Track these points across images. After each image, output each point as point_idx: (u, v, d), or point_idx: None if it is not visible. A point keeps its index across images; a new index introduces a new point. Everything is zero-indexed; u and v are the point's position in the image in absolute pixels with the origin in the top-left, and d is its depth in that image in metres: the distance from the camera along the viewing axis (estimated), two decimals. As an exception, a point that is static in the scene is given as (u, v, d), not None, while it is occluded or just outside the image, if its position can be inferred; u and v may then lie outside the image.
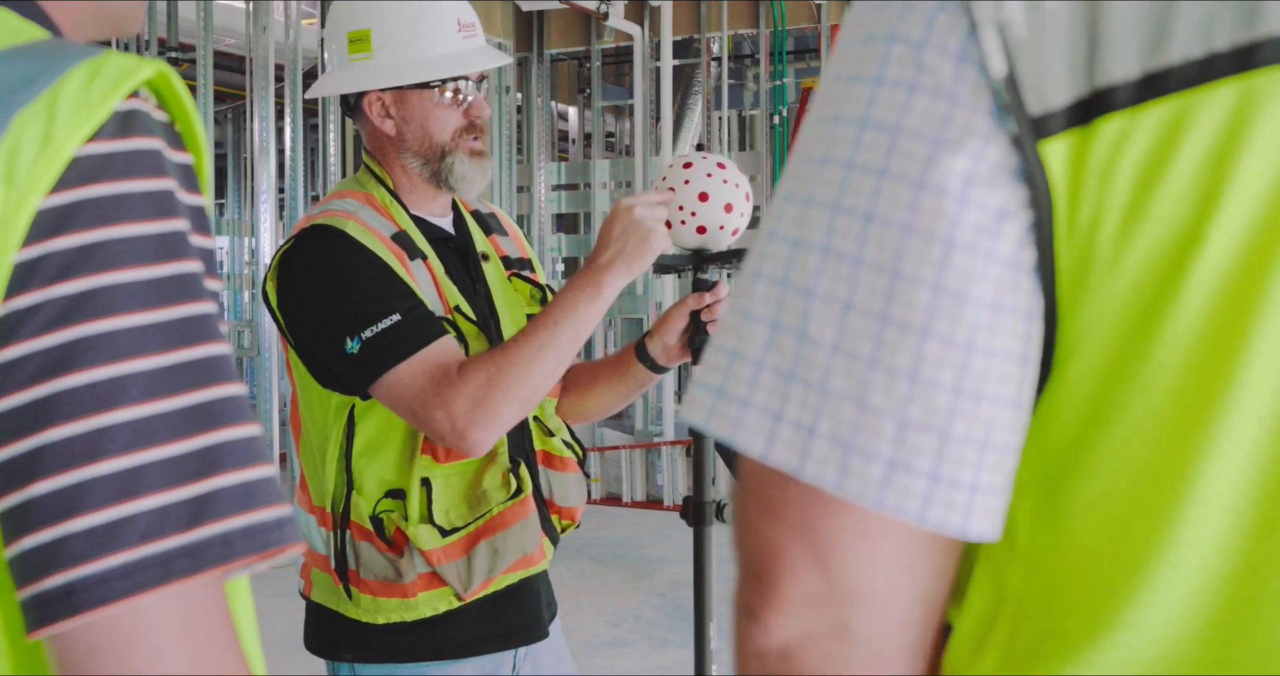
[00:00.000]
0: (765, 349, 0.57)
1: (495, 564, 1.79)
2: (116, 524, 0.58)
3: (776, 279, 0.57)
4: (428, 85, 1.84)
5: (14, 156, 0.60)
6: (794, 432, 0.56)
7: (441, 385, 1.68)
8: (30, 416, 0.59)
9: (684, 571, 6.27)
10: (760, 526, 0.58)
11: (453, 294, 1.83)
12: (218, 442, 0.61)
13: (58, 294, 0.59)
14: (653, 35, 8.69)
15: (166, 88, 0.66)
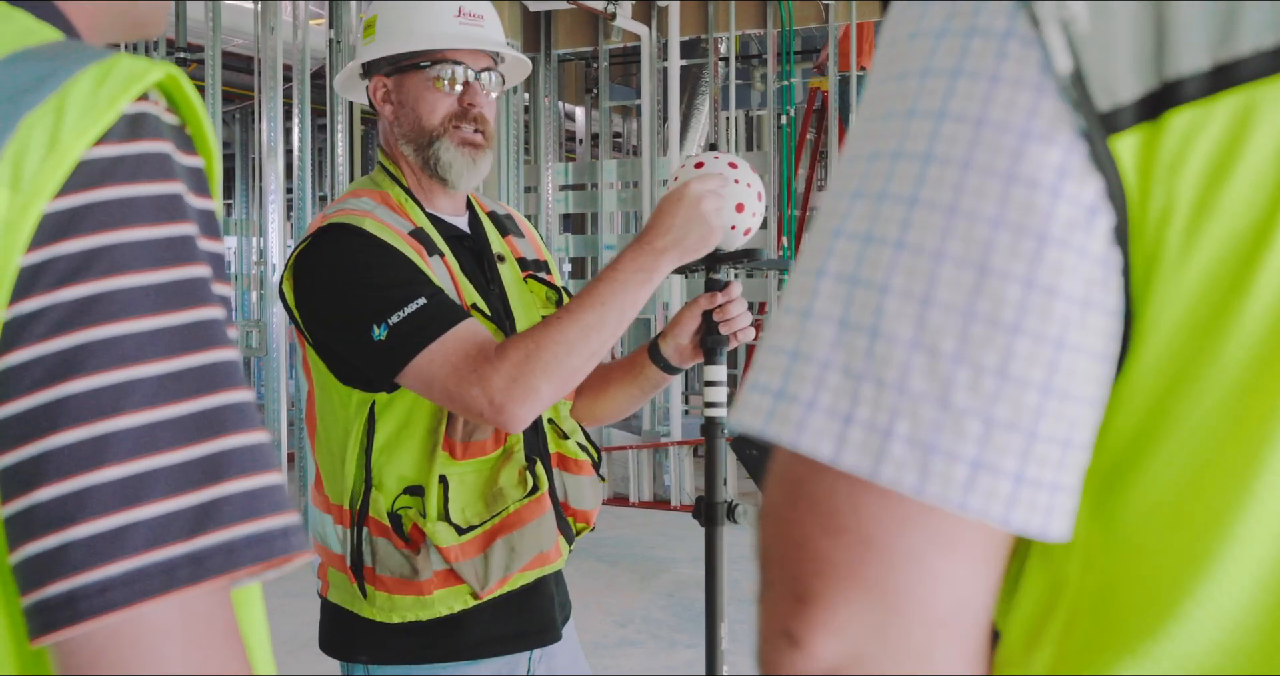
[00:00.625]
0: (832, 348, 0.54)
1: (512, 561, 1.78)
2: (119, 531, 0.58)
3: (845, 276, 0.55)
4: (419, 66, 1.85)
5: (20, 159, 0.59)
6: (867, 434, 0.53)
7: (477, 361, 1.66)
8: (35, 421, 0.58)
9: (691, 571, 6.26)
10: (812, 540, 0.55)
11: (469, 291, 1.82)
12: (223, 449, 0.61)
13: (63, 298, 0.59)
14: (660, 35, 8.68)
15: (177, 90, 0.66)
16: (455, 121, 1.86)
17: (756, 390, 0.56)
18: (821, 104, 9.19)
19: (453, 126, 1.85)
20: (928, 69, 0.56)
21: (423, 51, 1.86)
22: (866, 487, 0.54)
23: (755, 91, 11.13)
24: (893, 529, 0.54)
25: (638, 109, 11.10)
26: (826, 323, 0.55)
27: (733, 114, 9.20)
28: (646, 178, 8.67)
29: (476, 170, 1.88)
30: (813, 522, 0.55)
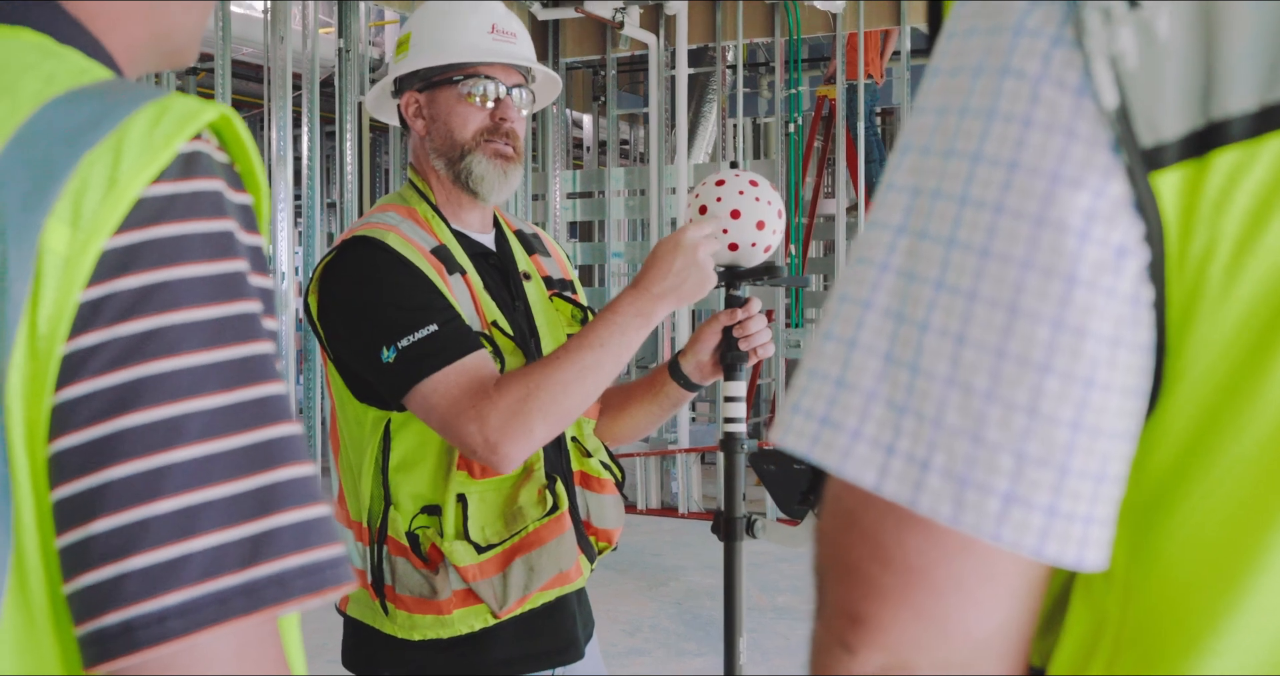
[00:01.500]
0: (878, 380, 0.57)
1: (531, 581, 1.78)
2: (175, 562, 0.59)
3: (890, 311, 0.57)
4: (453, 81, 1.86)
5: (80, 197, 0.61)
6: (907, 465, 0.55)
7: (477, 397, 1.67)
8: (93, 454, 0.59)
9: (700, 579, 6.27)
10: (863, 565, 0.58)
11: (491, 309, 1.83)
12: (275, 482, 0.62)
13: (121, 333, 0.60)
14: (668, 43, 8.70)
15: (228, 130, 0.67)
16: (487, 136, 1.86)
17: (800, 413, 0.59)
18: (829, 112, 9.19)
19: (484, 140, 1.86)
20: (965, 108, 0.57)
21: (455, 66, 1.87)
22: (910, 519, 0.56)
23: (762, 99, 11.15)
24: (936, 558, 0.56)
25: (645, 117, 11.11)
26: (872, 355, 0.57)
27: (740, 122, 9.21)
28: (654, 185, 8.68)
29: (507, 183, 1.88)
30: (863, 549, 0.58)
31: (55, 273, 0.60)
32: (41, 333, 0.60)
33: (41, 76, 0.66)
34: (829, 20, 8.47)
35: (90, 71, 0.68)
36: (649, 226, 8.87)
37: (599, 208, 9.24)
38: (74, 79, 0.66)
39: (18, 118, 0.64)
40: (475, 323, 1.79)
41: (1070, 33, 0.55)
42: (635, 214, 9.19)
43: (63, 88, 0.65)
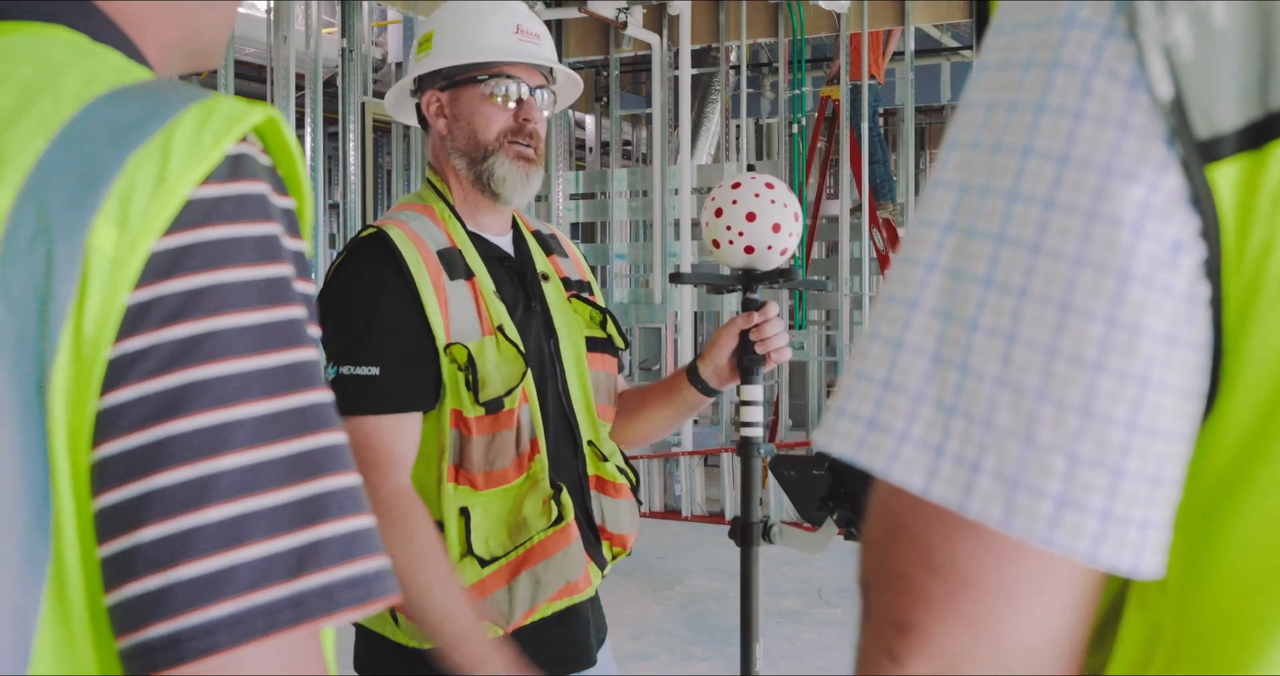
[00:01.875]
0: (925, 381, 0.55)
1: (538, 594, 1.76)
2: (223, 572, 0.58)
3: (938, 310, 0.56)
4: (477, 81, 1.85)
5: (128, 198, 0.60)
6: (956, 467, 0.54)
7: (376, 470, 1.66)
8: (139, 461, 0.58)
9: (705, 583, 6.25)
10: (910, 573, 0.56)
11: (498, 313, 1.80)
12: (322, 491, 0.61)
13: (168, 337, 0.59)
14: (671, 43, 8.69)
15: (273, 132, 0.66)
16: (511, 137, 1.85)
17: (846, 417, 0.57)
18: (833, 112, 9.18)
19: (508, 141, 1.85)
20: (1014, 103, 0.56)
21: (479, 65, 1.85)
22: (959, 525, 0.55)
23: (765, 100, 11.14)
24: (986, 565, 0.55)
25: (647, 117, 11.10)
26: (919, 355, 0.56)
27: (744, 122, 9.20)
28: (657, 186, 8.67)
29: (529, 185, 1.87)
30: (911, 556, 0.57)
31: (102, 274, 0.59)
32: (87, 335, 0.59)
33: (82, 75, 0.65)
34: (832, 20, 8.46)
35: (130, 71, 0.67)
36: (652, 227, 8.86)
37: (602, 209, 9.23)
38: (115, 78, 0.66)
39: (61, 116, 0.62)
40: (477, 327, 1.77)
41: (1122, 23, 0.53)
42: (638, 215, 9.18)
43: (105, 87, 0.64)
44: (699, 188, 8.78)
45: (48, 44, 0.68)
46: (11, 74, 0.65)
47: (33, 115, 0.62)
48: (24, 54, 0.67)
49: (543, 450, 1.80)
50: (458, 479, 1.74)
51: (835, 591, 6.06)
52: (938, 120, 13.55)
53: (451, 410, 1.74)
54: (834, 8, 6.46)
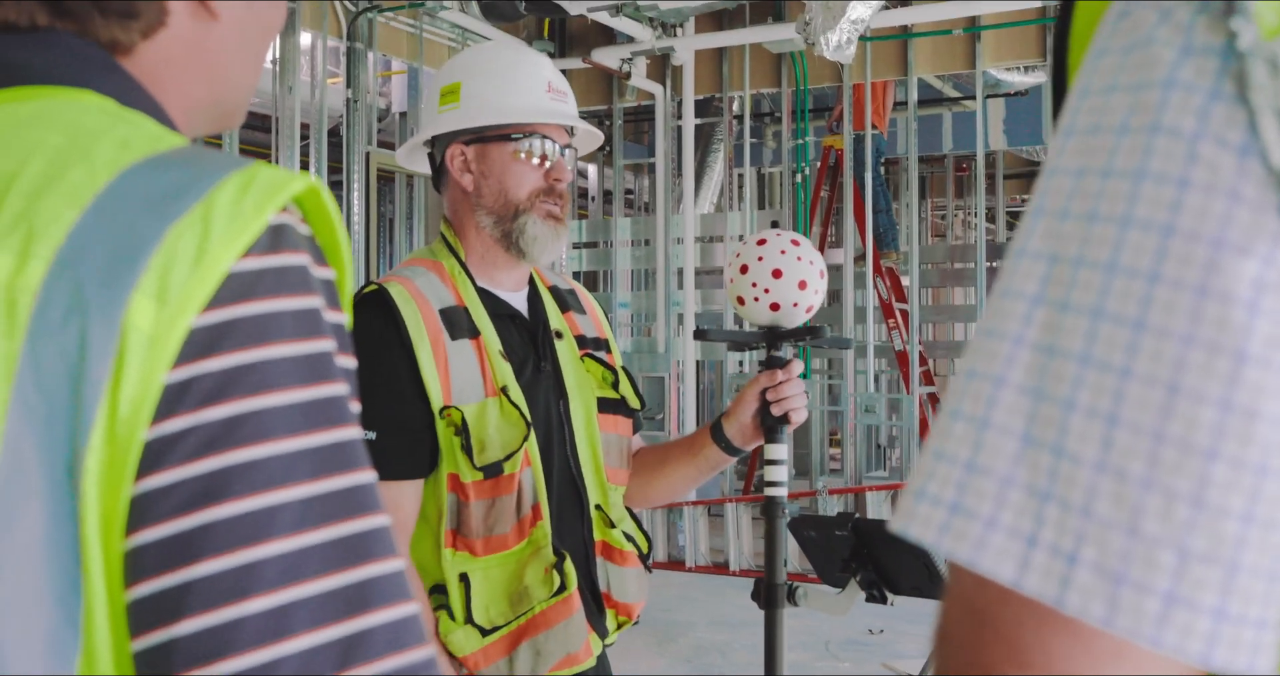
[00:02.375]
0: (1014, 464, 0.51)
1: (538, 665, 1.72)
2: (266, 666, 0.54)
3: (1027, 388, 0.52)
4: (509, 139, 1.82)
5: (167, 272, 0.57)
6: (1051, 558, 0.49)
7: None
8: (178, 548, 0.55)
9: (709, 635, 6.17)
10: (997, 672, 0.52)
11: (503, 374, 1.76)
12: (368, 578, 0.58)
13: (208, 418, 0.56)
14: (674, 93, 8.72)
15: (313, 201, 0.64)
16: (541, 196, 1.83)
17: (926, 500, 0.53)
18: (835, 161, 9.20)
19: (539, 201, 1.83)
20: (1109, 169, 0.52)
21: (513, 124, 1.83)
22: (1054, 619, 0.50)
23: (767, 149, 11.17)
24: (1084, 664, 0.50)
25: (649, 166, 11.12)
26: (1007, 436, 0.51)
27: (747, 171, 9.22)
28: (660, 235, 8.67)
29: (558, 244, 1.86)
30: (998, 654, 0.52)
31: (140, 352, 0.56)
32: (123, 416, 0.56)
33: (116, 142, 0.63)
34: (835, 71, 8.49)
35: (164, 138, 0.65)
36: (655, 277, 8.85)
37: (605, 258, 9.23)
38: (150, 145, 0.63)
39: (95, 186, 0.60)
40: (479, 388, 1.73)
41: (1230, 87, 0.50)
42: (641, 264, 9.18)
43: (140, 154, 0.62)
44: (702, 236, 8.78)
45: (76, 110, 0.66)
46: (42, 142, 0.63)
47: (65, 185, 0.60)
48: (53, 120, 0.64)
49: (545, 516, 1.76)
50: (455, 544, 1.71)
51: (842, 644, 5.99)
52: (939, 169, 13.58)
53: (449, 474, 1.70)
54: (838, 58, 6.48)
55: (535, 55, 1.92)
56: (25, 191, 0.59)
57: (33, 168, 0.61)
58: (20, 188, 0.60)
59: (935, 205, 15.04)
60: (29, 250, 0.57)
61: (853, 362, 8.88)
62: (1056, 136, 0.55)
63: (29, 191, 0.59)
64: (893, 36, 8.23)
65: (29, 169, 0.61)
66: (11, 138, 0.63)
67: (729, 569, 7.78)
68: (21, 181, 0.60)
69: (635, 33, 7.89)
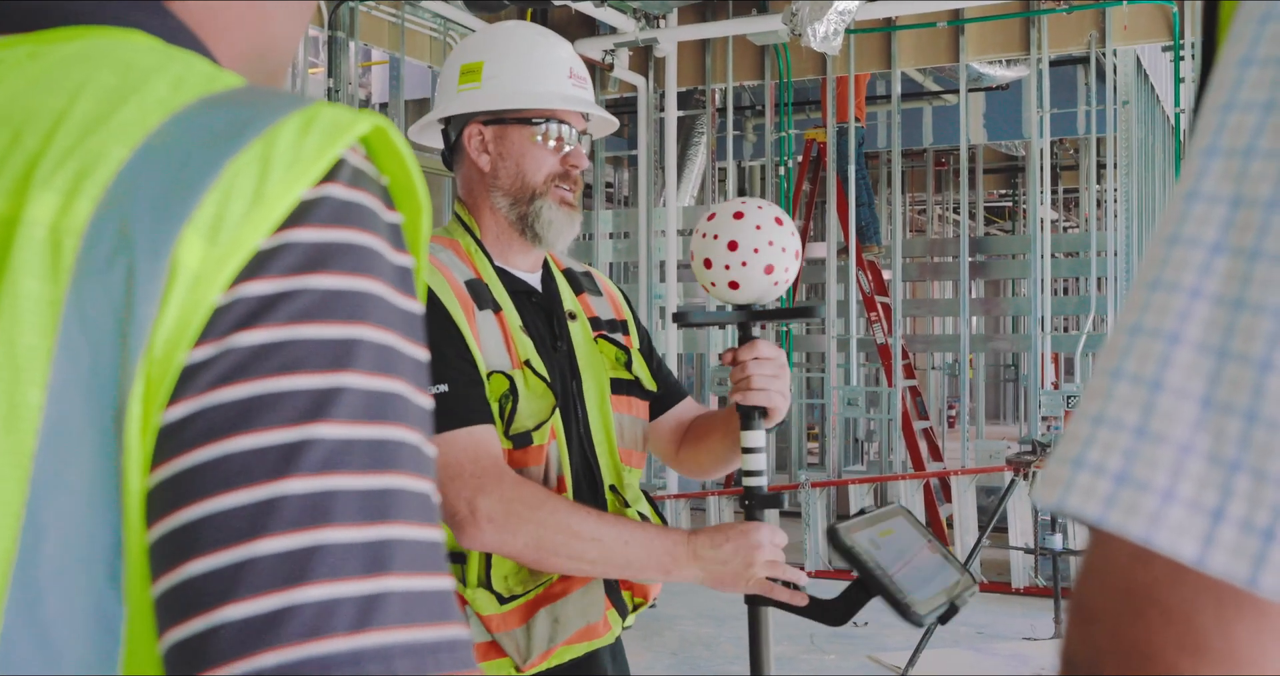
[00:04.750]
0: (1194, 430, 0.46)
1: (556, 633, 1.70)
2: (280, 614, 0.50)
3: (1209, 346, 0.46)
4: (529, 122, 1.81)
5: (223, 208, 0.53)
6: (1242, 535, 0.44)
7: (481, 470, 1.62)
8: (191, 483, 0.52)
9: (695, 629, 6.15)
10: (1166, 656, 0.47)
11: (525, 348, 1.76)
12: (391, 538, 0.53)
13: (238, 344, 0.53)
14: (657, 86, 8.69)
15: (382, 141, 0.60)
16: (557, 181, 1.82)
17: (1087, 469, 0.47)
18: (817, 155, 9.20)
19: (554, 185, 1.82)
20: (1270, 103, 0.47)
21: (534, 107, 1.82)
22: (1238, 602, 0.45)
23: (747, 142, 11.15)
24: (1274, 651, 0.45)
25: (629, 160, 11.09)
26: (1185, 399, 0.46)
27: (729, 164, 9.21)
28: (642, 228, 8.64)
29: (572, 230, 1.84)
30: (1167, 636, 0.47)
31: (182, 292, 0.52)
32: (156, 356, 0.52)
33: (169, 80, 0.59)
34: (818, 64, 8.48)
35: (219, 78, 0.61)
36: (637, 269, 8.82)
37: (587, 251, 9.19)
38: (205, 85, 0.59)
39: (148, 124, 0.56)
40: (505, 361, 1.72)
41: None
42: (623, 256, 9.15)
43: (195, 94, 0.58)
44: (684, 229, 8.75)
45: (126, 49, 0.62)
46: (91, 79, 0.59)
47: (116, 123, 0.56)
48: (103, 58, 0.61)
49: (569, 488, 1.75)
50: None
51: (827, 637, 5.98)
52: (919, 164, 13.60)
53: None
54: (825, 49, 6.46)
55: (557, 39, 1.91)
56: (73, 130, 0.56)
57: (82, 105, 0.57)
58: (68, 126, 0.56)
59: (915, 199, 15.07)
60: (76, 189, 0.53)
61: (834, 356, 8.88)
62: (1225, 68, 0.50)
63: (77, 130, 0.56)
64: (876, 29, 8.22)
65: (78, 107, 0.57)
66: (59, 75, 0.60)
67: (711, 562, 7.77)
68: (70, 119, 0.56)
69: (618, 24, 7.85)
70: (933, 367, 15.24)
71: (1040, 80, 7.85)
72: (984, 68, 8.81)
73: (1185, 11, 7.41)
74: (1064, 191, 14.81)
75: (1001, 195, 15.85)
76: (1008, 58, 8.46)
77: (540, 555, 1.62)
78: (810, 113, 10.16)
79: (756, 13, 8.12)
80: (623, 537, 1.65)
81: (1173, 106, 7.91)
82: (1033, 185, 7.94)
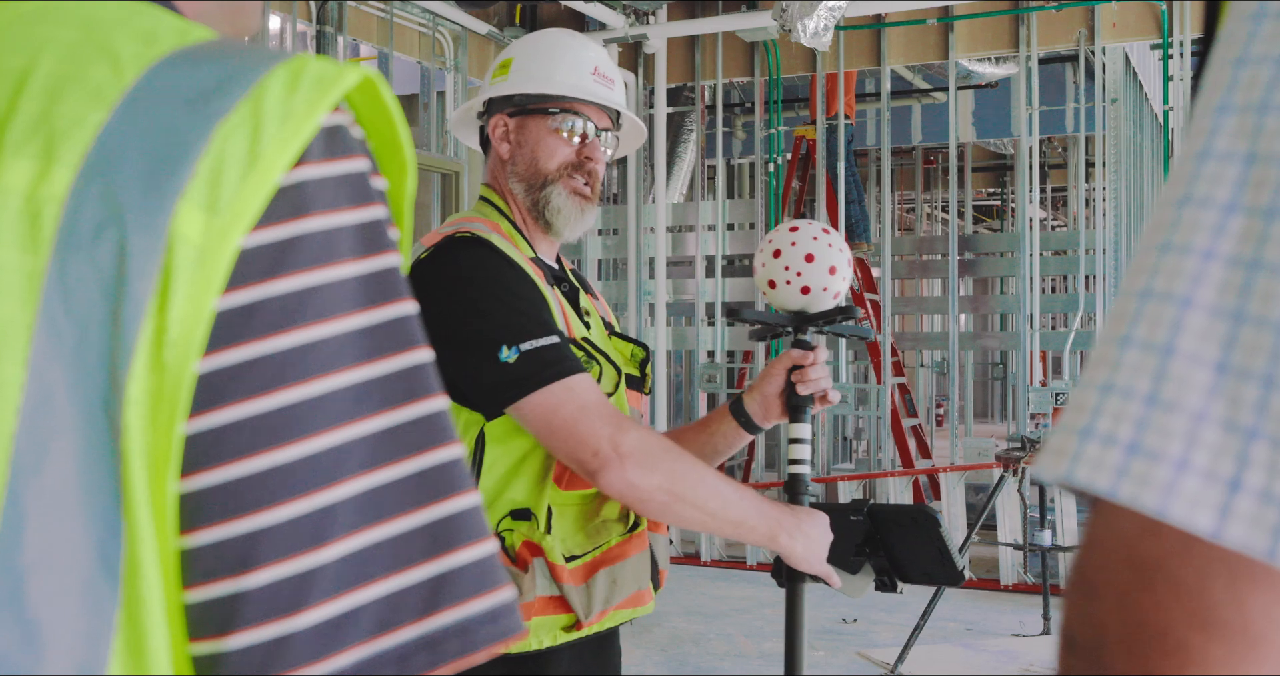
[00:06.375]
0: (1209, 397, 0.44)
1: (613, 594, 1.77)
2: (346, 617, 0.49)
3: (1223, 309, 0.44)
4: (547, 112, 1.87)
5: (217, 177, 0.50)
6: (1260, 505, 0.43)
7: (615, 413, 1.67)
8: (246, 493, 0.50)
9: (684, 625, 6.14)
10: (1175, 631, 0.45)
11: (579, 327, 1.83)
12: (450, 514, 0.52)
13: (271, 349, 0.51)
14: (646, 82, 8.67)
15: (369, 96, 0.57)
16: (570, 171, 1.87)
17: (1095, 439, 0.45)
18: (807, 152, 9.18)
19: (567, 175, 1.86)
20: None
21: (552, 98, 1.88)
22: (1253, 574, 0.43)
23: (736, 140, 11.13)
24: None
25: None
26: (1198, 365, 0.44)
27: (718, 162, 9.19)
28: (632, 224, 8.62)
29: (583, 221, 1.88)
30: (1177, 611, 0.45)
31: (189, 267, 0.50)
32: (171, 338, 0.49)
33: (138, 34, 0.56)
34: (808, 61, 8.46)
35: (190, 31, 0.58)
36: (627, 265, 8.81)
37: (576, 247, 9.16)
38: (178, 38, 0.56)
39: (123, 83, 0.53)
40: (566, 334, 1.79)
41: None
42: (612, 253, 9.13)
43: (168, 47, 0.55)
44: (673, 226, 8.73)
45: (86, 3, 0.59)
46: (51, 37, 0.56)
47: (88, 83, 0.53)
48: (61, 14, 0.58)
49: None
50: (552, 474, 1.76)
51: (817, 633, 5.97)
52: (908, 162, 13.60)
53: None
54: (815, 45, 6.45)
55: (586, 40, 1.99)
56: (40, 91, 0.53)
57: (45, 65, 0.54)
58: (34, 87, 0.53)
59: (903, 197, 15.07)
60: (52, 155, 0.51)
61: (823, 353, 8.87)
62: (1235, 21, 0.48)
63: (45, 91, 0.53)
64: (866, 26, 8.21)
65: (41, 67, 0.54)
66: (19, 34, 0.57)
67: (700, 559, 7.75)
68: (35, 80, 0.53)
69: (608, 19, 7.82)
70: (921, 365, 15.25)
71: (1029, 78, 7.85)
72: (973, 65, 8.81)
73: (1174, 9, 7.41)
74: (1052, 190, 14.82)
75: (990, 193, 15.86)
76: (997, 55, 8.45)
77: (669, 499, 1.67)
78: (799, 110, 10.14)
79: (746, 9, 8.10)
80: (739, 494, 1.74)
81: (1161, 104, 7.90)
82: (1021, 183, 7.94)
